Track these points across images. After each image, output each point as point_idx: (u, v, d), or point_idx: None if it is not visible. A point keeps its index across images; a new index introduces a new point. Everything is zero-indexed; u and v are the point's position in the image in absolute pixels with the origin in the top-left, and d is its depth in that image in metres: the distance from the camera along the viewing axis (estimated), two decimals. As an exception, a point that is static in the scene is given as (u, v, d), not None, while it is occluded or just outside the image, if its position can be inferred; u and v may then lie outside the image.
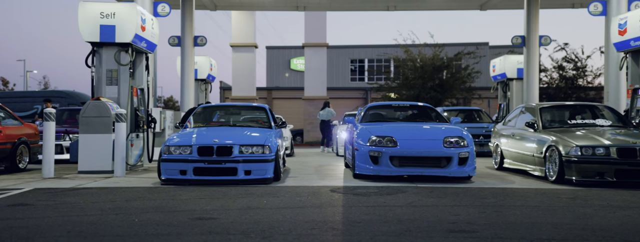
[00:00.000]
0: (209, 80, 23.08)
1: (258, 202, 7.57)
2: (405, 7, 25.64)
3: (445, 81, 31.43)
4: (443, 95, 31.02)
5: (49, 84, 53.75)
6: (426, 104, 12.93)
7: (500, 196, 8.35)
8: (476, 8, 24.81)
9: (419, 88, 30.89)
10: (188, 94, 20.44)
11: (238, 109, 12.77)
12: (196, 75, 21.72)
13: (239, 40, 38.31)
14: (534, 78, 20.16)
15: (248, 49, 38.53)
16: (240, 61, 38.03)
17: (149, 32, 12.98)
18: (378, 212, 6.79)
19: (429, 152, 10.09)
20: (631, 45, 12.91)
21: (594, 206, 7.40)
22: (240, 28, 38.15)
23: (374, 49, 45.48)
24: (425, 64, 31.33)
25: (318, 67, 38.80)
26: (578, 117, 11.65)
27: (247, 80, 37.88)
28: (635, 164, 9.28)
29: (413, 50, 32.54)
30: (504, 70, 22.23)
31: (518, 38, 20.49)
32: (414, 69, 31.65)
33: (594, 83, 33.55)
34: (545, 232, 5.69)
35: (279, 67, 49.63)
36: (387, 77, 34.93)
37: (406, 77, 32.25)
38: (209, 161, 9.43)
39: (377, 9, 26.26)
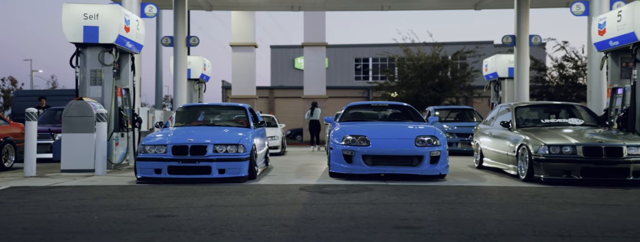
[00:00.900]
0: (203, 80, 23.27)
1: (223, 200, 7.76)
2: (399, 7, 25.76)
3: (444, 80, 31.51)
4: (442, 94, 31.12)
5: (57, 83, 54.08)
6: (405, 104, 13.09)
7: (463, 193, 8.52)
8: (470, 7, 24.89)
9: (418, 87, 30.99)
10: (181, 93, 20.62)
11: (218, 109, 12.96)
12: (189, 75, 21.91)
13: (238, 39, 38.45)
14: (524, 77, 20.28)
15: (248, 49, 38.66)
16: (239, 61, 38.17)
17: (133, 33, 13.18)
18: (335, 210, 6.97)
19: (401, 151, 10.27)
20: (610, 45, 13.03)
21: (549, 203, 7.56)
22: (240, 28, 38.29)
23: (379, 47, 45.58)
24: (425, 63, 31.43)
25: (317, 66, 38.95)
26: (553, 116, 11.80)
27: (246, 79, 38.02)
28: (601, 162, 9.44)
29: (413, 49, 32.64)
30: (496, 70, 22.40)
31: (508, 37, 20.61)
32: (413, 68, 31.75)
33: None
34: (487, 228, 5.87)
35: (283, 67, 49.81)
36: (387, 76, 35.07)
37: (405, 76, 32.36)
38: (183, 160, 9.64)
39: (372, 9, 26.38)
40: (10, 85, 51.21)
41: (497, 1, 23.55)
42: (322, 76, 38.58)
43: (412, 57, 32.00)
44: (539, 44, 20.65)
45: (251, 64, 38.40)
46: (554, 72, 33.78)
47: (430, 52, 31.93)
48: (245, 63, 38.17)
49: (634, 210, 7.07)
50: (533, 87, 33.68)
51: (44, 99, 19.54)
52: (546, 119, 11.53)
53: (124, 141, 13.00)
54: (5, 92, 50.09)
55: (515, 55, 20.51)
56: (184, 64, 20.88)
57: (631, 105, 12.36)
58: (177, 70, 20.70)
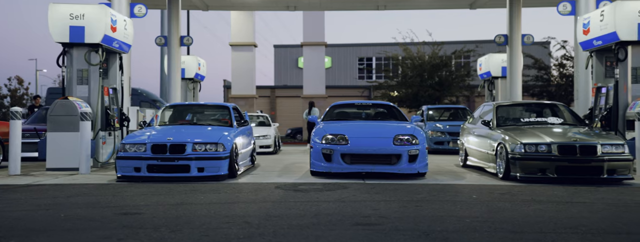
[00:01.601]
0: (198, 80, 23.38)
1: (195, 198, 7.87)
2: (395, 6, 25.80)
3: (444, 79, 31.57)
4: (441, 93, 31.18)
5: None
6: (389, 103, 13.19)
7: (435, 191, 8.61)
8: (465, 7, 24.93)
9: (417, 86, 31.06)
10: (175, 93, 20.76)
11: (202, 108, 13.08)
12: (183, 75, 22.03)
13: (238, 39, 38.58)
14: (517, 76, 20.33)
15: (247, 48, 38.79)
16: (239, 60, 38.30)
17: (121, 33, 13.31)
18: (302, 207, 7.06)
19: (379, 149, 10.36)
20: (594, 44, 13.12)
21: (515, 201, 7.65)
22: (239, 27, 38.42)
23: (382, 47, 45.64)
24: (424, 62, 31.49)
25: (317, 65, 39.07)
26: (534, 115, 11.88)
27: (246, 79, 38.15)
28: (575, 160, 9.51)
29: (412, 48, 32.71)
30: (489, 69, 22.49)
31: (501, 37, 20.66)
32: (412, 67, 31.82)
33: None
34: (445, 224, 5.97)
35: (286, 66, 49.93)
36: (387, 75, 35.15)
37: (404, 75, 32.43)
38: (162, 159, 9.76)
39: (367, 9, 26.43)
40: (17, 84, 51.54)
41: (492, 0, 23.59)
42: (322, 75, 38.68)
43: (412, 56, 32.07)
44: (531, 43, 20.68)
45: (251, 64, 38.51)
46: (555, 71, 33.79)
47: (430, 52, 31.99)
48: (244, 62, 38.28)
49: (595, 207, 7.14)
50: (533, 86, 33.73)
51: (38, 98, 19.73)
52: (527, 118, 11.59)
53: (111, 139, 13.13)
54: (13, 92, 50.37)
55: (508, 54, 20.56)
56: (178, 63, 21.01)
57: (614, 104, 12.45)
58: (170, 69, 20.84)
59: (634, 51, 12.31)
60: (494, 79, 22.49)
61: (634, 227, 5.87)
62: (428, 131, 19.50)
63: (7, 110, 46.45)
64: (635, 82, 12.36)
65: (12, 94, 49.93)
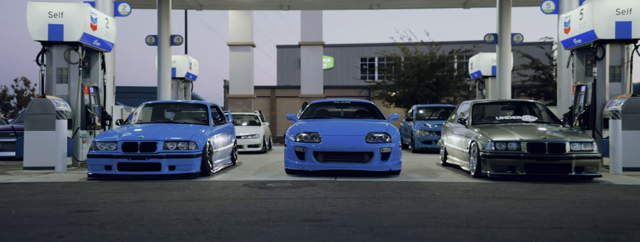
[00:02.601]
0: (189, 79, 23.42)
1: (157, 196, 7.90)
2: (388, 5, 25.78)
3: (441, 79, 31.56)
4: (439, 93, 31.17)
5: None
6: (368, 102, 13.21)
7: (400, 189, 8.62)
8: (459, 6, 24.89)
9: (415, 86, 31.06)
10: (165, 92, 20.78)
11: (180, 107, 13.11)
12: (174, 74, 22.09)
13: (236, 39, 38.61)
14: (506, 75, 20.29)
15: (245, 48, 38.82)
16: (237, 60, 38.35)
17: (102, 32, 13.35)
18: (260, 204, 7.09)
19: (351, 147, 10.39)
20: (574, 42, 13.12)
21: (475, 198, 7.67)
22: (237, 27, 38.46)
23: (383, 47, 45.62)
24: (421, 62, 31.48)
25: (314, 65, 39.10)
26: (510, 113, 11.88)
27: (244, 79, 38.16)
28: (544, 158, 9.53)
29: (410, 48, 32.71)
30: (480, 68, 22.50)
31: (490, 36, 20.64)
32: (409, 67, 31.82)
33: (590, 79, 33.45)
34: (394, 220, 6.01)
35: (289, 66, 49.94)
36: (385, 75, 35.16)
37: (401, 75, 32.44)
38: (133, 157, 9.78)
39: (361, 8, 26.41)
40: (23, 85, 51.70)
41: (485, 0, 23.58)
42: (320, 75, 38.71)
43: (410, 56, 32.08)
44: (520, 43, 20.66)
45: (249, 64, 38.54)
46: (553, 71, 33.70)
47: (428, 51, 31.98)
48: (242, 62, 38.31)
49: (551, 203, 7.16)
50: (531, 86, 33.68)
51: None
52: (502, 117, 11.59)
53: (92, 138, 13.16)
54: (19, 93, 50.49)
55: (498, 53, 20.54)
56: (168, 62, 21.04)
57: (592, 102, 12.45)
58: (161, 69, 20.87)
59: (612, 50, 12.33)
60: (485, 78, 22.52)
61: (578, 222, 5.87)
62: (417, 130, 19.51)
63: (14, 112, 46.65)
64: (613, 81, 12.37)
65: (18, 95, 50.04)
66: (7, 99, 50.03)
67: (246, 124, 21.10)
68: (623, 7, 11.93)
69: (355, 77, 47.18)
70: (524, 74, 32.84)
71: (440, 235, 5.32)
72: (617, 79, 12.35)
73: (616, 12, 11.93)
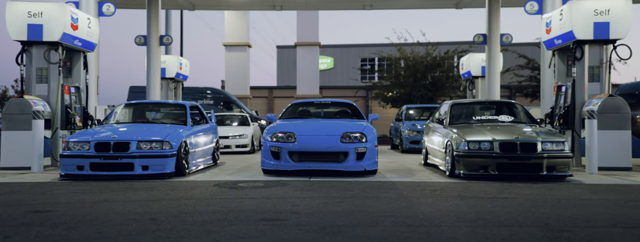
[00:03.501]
0: (180, 79, 23.40)
1: (122, 196, 7.89)
2: (381, 6, 25.77)
3: (437, 79, 31.55)
4: (435, 93, 31.16)
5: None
6: (348, 102, 13.21)
7: (369, 188, 8.63)
8: (451, 6, 24.89)
9: (411, 86, 31.07)
10: (154, 92, 20.77)
11: (159, 107, 13.13)
12: (164, 74, 22.07)
13: (231, 39, 38.70)
14: (495, 75, 20.27)
15: (241, 49, 38.90)
16: (233, 60, 38.42)
17: (83, 31, 13.34)
18: (222, 204, 7.10)
19: (326, 147, 10.40)
20: (555, 43, 13.11)
21: (440, 197, 7.68)
22: (232, 27, 38.54)
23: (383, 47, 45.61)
24: (417, 62, 31.48)
25: (311, 66, 39.17)
26: (487, 113, 11.88)
27: (240, 79, 38.23)
28: (516, 158, 9.53)
29: (406, 48, 32.71)
30: (469, 69, 22.49)
31: (480, 36, 20.62)
32: (406, 68, 31.82)
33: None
34: (350, 220, 6.03)
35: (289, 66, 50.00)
36: (381, 75, 35.16)
37: (397, 75, 32.44)
38: (105, 157, 9.79)
39: (354, 8, 26.40)
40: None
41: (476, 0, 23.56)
42: (316, 76, 38.78)
43: (406, 56, 32.08)
44: (509, 43, 20.64)
45: (245, 64, 38.60)
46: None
47: (424, 52, 31.97)
48: (238, 63, 38.39)
49: (513, 202, 7.17)
50: (527, 86, 33.63)
51: None
52: (479, 116, 11.59)
53: (72, 138, 13.15)
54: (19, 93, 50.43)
55: (487, 53, 20.50)
56: (158, 63, 21.03)
57: (571, 102, 12.45)
58: (150, 69, 20.85)
59: (591, 50, 12.33)
60: (474, 78, 22.50)
61: (530, 221, 5.89)
62: (405, 130, 19.52)
63: None
64: (592, 81, 12.37)
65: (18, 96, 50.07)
66: (7, 99, 50.11)
67: (236, 124, 21.13)
68: (601, 8, 11.94)
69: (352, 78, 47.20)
70: (520, 75, 32.80)
71: (389, 234, 5.32)
72: (596, 79, 12.35)
73: (594, 13, 11.94)
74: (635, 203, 7.15)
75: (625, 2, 11.97)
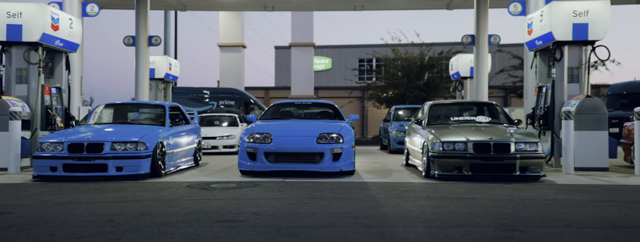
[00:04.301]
0: (170, 80, 23.37)
1: (89, 197, 7.88)
2: (372, 6, 25.75)
3: (431, 80, 31.56)
4: (428, 94, 31.16)
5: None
6: (329, 102, 13.21)
7: (340, 189, 8.61)
8: (443, 7, 24.86)
9: (405, 87, 31.07)
10: (142, 93, 20.75)
11: (138, 107, 13.11)
12: (153, 75, 22.05)
13: (226, 40, 38.69)
14: (483, 76, 20.27)
15: (235, 49, 38.89)
16: (227, 61, 38.41)
17: (64, 32, 13.33)
18: (186, 206, 7.08)
19: (302, 148, 10.39)
20: (536, 44, 13.11)
21: (408, 198, 7.67)
22: (227, 28, 38.53)
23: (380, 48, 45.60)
24: (411, 63, 31.49)
25: (305, 66, 39.16)
26: (466, 114, 11.88)
27: (235, 80, 38.19)
28: (489, 158, 9.53)
29: (400, 49, 32.72)
30: (458, 69, 22.48)
31: (468, 37, 20.60)
32: (400, 68, 31.83)
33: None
34: (309, 220, 6.03)
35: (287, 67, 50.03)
36: (375, 76, 35.18)
37: (391, 76, 32.45)
38: (78, 158, 9.76)
39: (345, 9, 26.38)
40: None
41: (468, 1, 23.54)
42: (310, 76, 38.77)
43: (400, 57, 32.09)
44: (497, 44, 20.63)
45: (239, 64, 38.59)
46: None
47: (418, 52, 31.97)
48: (233, 63, 38.39)
49: (477, 203, 7.16)
50: (521, 87, 33.57)
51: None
52: (457, 117, 11.59)
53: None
54: None
55: (475, 54, 20.50)
56: (146, 63, 20.99)
57: (551, 103, 12.45)
58: (138, 69, 20.81)
59: (570, 51, 12.32)
60: (463, 79, 22.50)
61: (487, 221, 5.89)
62: (392, 131, 19.53)
63: None
64: (571, 82, 12.36)
65: None
66: None
67: (226, 125, 21.15)
68: (580, 9, 11.94)
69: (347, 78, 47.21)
70: (515, 75, 32.78)
71: (342, 235, 5.32)
72: (575, 80, 12.35)
73: (573, 14, 11.94)
74: (598, 203, 7.14)
75: (603, 4, 11.97)
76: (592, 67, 32.73)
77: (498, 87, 38.81)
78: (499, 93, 39.53)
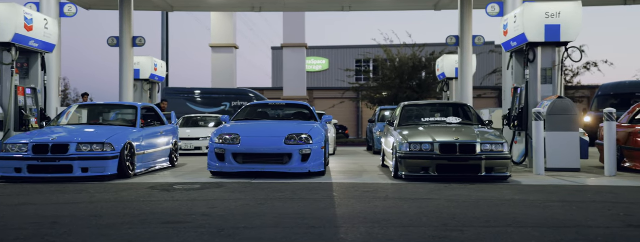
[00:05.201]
0: (155, 81, 23.31)
1: (45, 198, 7.83)
2: (359, 7, 25.74)
3: (423, 81, 31.54)
4: (420, 95, 31.14)
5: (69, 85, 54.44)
6: (303, 103, 13.19)
7: (301, 190, 8.57)
8: (430, 8, 24.84)
9: (397, 88, 31.05)
10: (127, 94, 20.68)
11: (111, 108, 13.07)
12: (138, 76, 22.01)
13: (218, 41, 38.68)
14: (468, 77, 20.22)
15: (227, 50, 38.90)
16: (219, 62, 38.40)
17: (39, 32, 13.27)
18: (138, 207, 7.04)
19: (270, 149, 10.35)
20: (511, 45, 13.09)
21: (365, 199, 7.63)
22: (219, 29, 38.53)
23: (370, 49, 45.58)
24: (403, 63, 31.47)
25: (297, 67, 39.14)
26: (438, 115, 11.85)
27: (227, 80, 38.19)
28: (455, 159, 9.50)
29: (393, 50, 32.71)
30: (444, 70, 22.45)
31: (452, 38, 20.55)
32: (392, 69, 31.82)
33: (573, 82, 33.47)
34: (255, 221, 5.98)
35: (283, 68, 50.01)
36: (367, 77, 35.16)
37: (384, 76, 32.43)
38: (43, 159, 9.71)
39: (332, 10, 26.34)
40: None
41: (455, 2, 23.51)
42: (303, 77, 38.75)
43: (392, 58, 32.07)
44: (482, 45, 20.59)
45: (231, 65, 38.59)
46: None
47: (411, 53, 31.95)
48: (225, 64, 38.38)
49: (432, 203, 7.13)
50: (513, 88, 33.52)
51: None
52: (428, 118, 11.56)
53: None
54: None
55: (459, 55, 20.46)
56: (130, 64, 20.92)
57: (525, 104, 12.42)
58: (122, 70, 20.74)
59: (543, 52, 12.31)
60: (449, 80, 22.47)
61: (433, 221, 5.87)
62: (377, 132, 19.48)
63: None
64: (544, 83, 12.34)
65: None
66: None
67: (213, 125, 21.13)
68: (552, 10, 11.93)
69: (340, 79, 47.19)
70: (508, 76, 32.69)
71: (283, 235, 5.29)
72: (549, 82, 12.33)
73: (546, 16, 11.93)
74: (551, 203, 7.11)
75: (575, 5, 11.97)
76: (585, 68, 32.80)
77: (491, 88, 38.79)
78: (492, 94, 39.49)
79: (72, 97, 48.55)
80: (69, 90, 52.21)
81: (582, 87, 34.28)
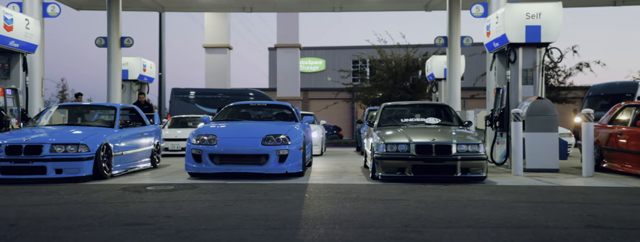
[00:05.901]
0: (144, 81, 23.24)
1: (11, 200, 7.74)
2: (350, 8, 25.72)
3: (417, 81, 31.49)
4: (414, 95, 31.09)
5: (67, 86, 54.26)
6: (285, 104, 13.13)
7: (274, 191, 8.51)
8: (421, 9, 24.81)
9: (390, 88, 31.01)
10: (115, 94, 20.64)
11: (88, 109, 13.01)
12: (127, 76, 21.95)
13: (211, 41, 38.63)
14: (456, 78, 20.19)
15: (221, 51, 38.85)
16: (213, 62, 38.34)
17: (20, 32, 13.21)
18: (104, 209, 6.96)
19: (246, 149, 10.29)
20: (494, 46, 13.05)
21: (335, 199, 7.57)
22: (212, 29, 38.48)
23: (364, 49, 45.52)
24: (397, 64, 31.43)
25: (291, 67, 39.08)
26: (417, 115, 11.79)
27: (220, 81, 38.15)
28: (430, 160, 9.45)
29: (387, 51, 32.66)
30: (433, 71, 22.42)
31: (441, 39, 20.54)
32: (386, 70, 31.78)
33: (565, 83, 33.43)
34: (217, 223, 5.92)
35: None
36: (361, 77, 35.10)
37: (377, 77, 32.39)
38: (16, 160, 9.63)
39: (324, 10, 26.35)
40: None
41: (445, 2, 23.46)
42: (296, 78, 38.68)
43: (386, 58, 32.03)
44: (470, 45, 20.55)
45: (225, 66, 38.53)
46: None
47: (404, 54, 31.90)
48: (218, 64, 38.33)
49: (400, 204, 7.09)
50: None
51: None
52: (407, 119, 11.52)
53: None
54: None
55: (448, 56, 20.43)
56: (118, 65, 20.87)
57: (506, 105, 12.37)
58: (110, 71, 20.71)
59: (524, 53, 12.27)
60: (438, 80, 22.44)
61: (395, 222, 5.83)
62: (364, 132, 19.40)
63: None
64: (525, 84, 12.30)
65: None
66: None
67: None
68: (532, 11, 11.91)
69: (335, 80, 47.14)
70: (503, 76, 32.62)
71: (239, 237, 5.24)
72: (530, 82, 12.29)
73: (526, 16, 11.91)
74: (518, 204, 7.07)
75: (555, 6, 11.95)
76: (577, 69, 32.73)
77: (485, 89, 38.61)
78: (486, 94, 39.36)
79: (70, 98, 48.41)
80: (66, 91, 52.14)
81: (575, 87, 34.22)
